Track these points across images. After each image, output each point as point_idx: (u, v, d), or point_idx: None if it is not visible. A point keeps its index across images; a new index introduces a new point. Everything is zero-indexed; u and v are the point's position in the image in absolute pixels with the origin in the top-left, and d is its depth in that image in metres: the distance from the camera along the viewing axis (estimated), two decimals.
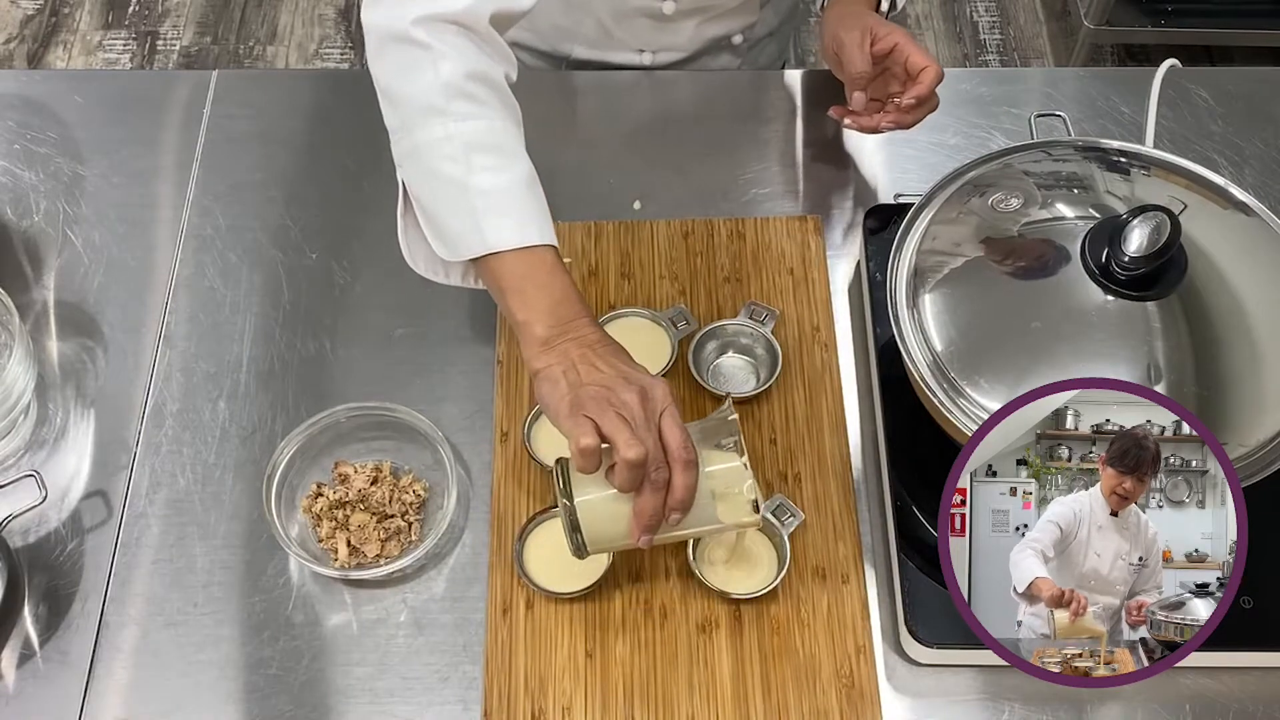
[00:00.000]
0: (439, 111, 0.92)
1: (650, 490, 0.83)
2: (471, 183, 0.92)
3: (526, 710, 0.91)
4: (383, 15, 0.95)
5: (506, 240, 0.91)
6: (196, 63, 2.58)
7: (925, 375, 0.89)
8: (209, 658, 0.94)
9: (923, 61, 1.06)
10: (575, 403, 0.85)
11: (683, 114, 1.26)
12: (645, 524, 0.84)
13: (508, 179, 0.93)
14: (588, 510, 0.86)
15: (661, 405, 0.84)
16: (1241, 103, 1.27)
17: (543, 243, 0.92)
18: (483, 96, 0.94)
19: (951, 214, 0.96)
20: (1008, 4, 2.72)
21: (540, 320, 0.89)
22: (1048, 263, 0.90)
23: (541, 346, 0.89)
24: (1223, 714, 0.92)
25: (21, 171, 1.21)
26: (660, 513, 0.84)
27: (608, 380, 0.85)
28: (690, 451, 0.84)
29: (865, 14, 1.09)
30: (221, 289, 1.13)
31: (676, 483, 0.83)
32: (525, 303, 0.90)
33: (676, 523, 0.85)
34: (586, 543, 0.86)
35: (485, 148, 0.93)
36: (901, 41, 1.06)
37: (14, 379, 1.00)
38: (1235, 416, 0.85)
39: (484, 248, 0.91)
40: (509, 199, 0.92)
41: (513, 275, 0.91)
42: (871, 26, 1.07)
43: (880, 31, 1.07)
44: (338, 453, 1.03)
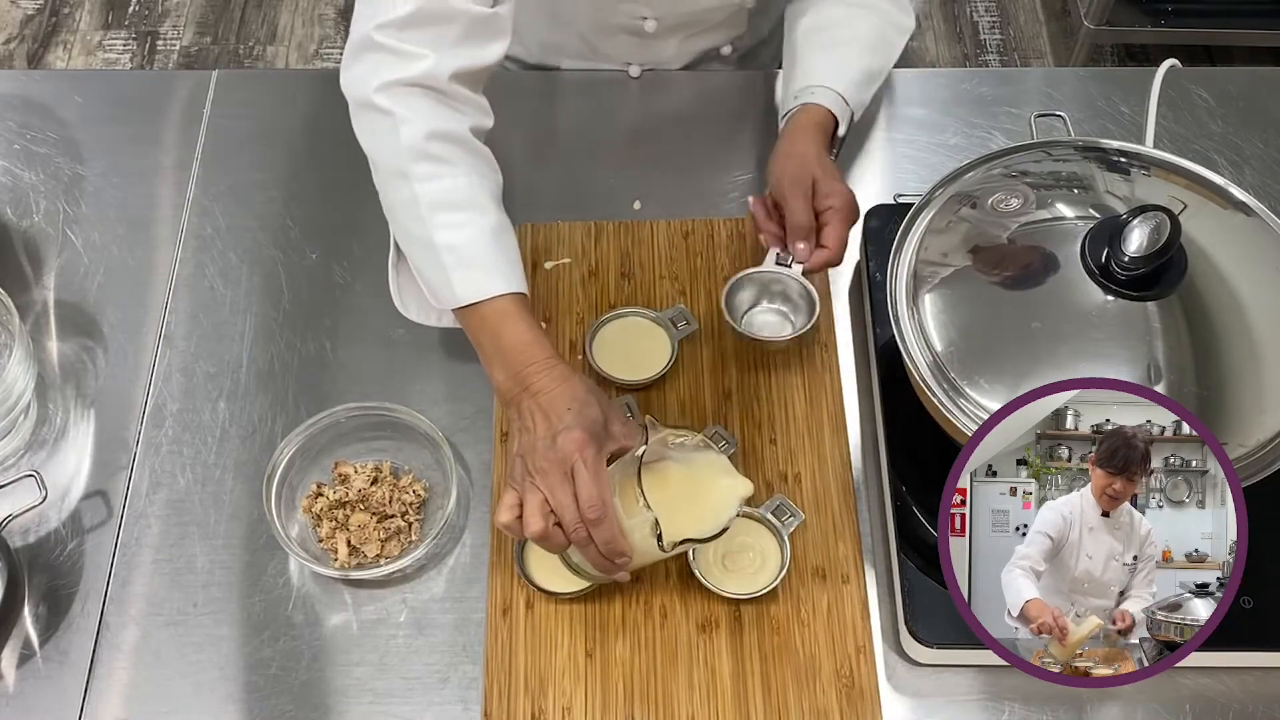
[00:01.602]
0: (402, 175, 0.96)
1: (583, 545, 0.87)
2: (436, 240, 0.95)
3: (526, 710, 0.91)
4: (352, 81, 0.98)
5: (472, 293, 0.94)
6: (196, 63, 2.58)
7: (925, 375, 0.89)
8: (209, 658, 0.94)
9: (830, 243, 1.02)
10: (509, 473, 0.90)
11: (683, 114, 1.26)
12: (603, 570, 0.88)
13: (470, 233, 0.95)
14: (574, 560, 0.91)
15: (569, 461, 0.86)
16: (1241, 103, 1.27)
17: (508, 291, 0.94)
18: (445, 155, 0.96)
19: (951, 214, 0.96)
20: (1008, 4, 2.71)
21: (499, 371, 0.93)
22: (1048, 263, 0.90)
23: (506, 401, 0.94)
24: (1223, 714, 0.92)
25: (21, 171, 1.21)
26: (604, 562, 0.87)
27: (533, 445, 0.88)
28: (596, 509, 0.85)
29: (814, 162, 1.05)
30: (221, 289, 1.13)
31: (596, 539, 0.86)
32: (486, 358, 0.95)
33: (624, 564, 0.88)
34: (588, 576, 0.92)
35: (447, 205, 0.95)
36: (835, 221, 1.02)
37: (14, 379, 1.00)
38: (1235, 416, 0.85)
39: (455, 301, 0.95)
40: (473, 253, 0.95)
41: (481, 330, 0.95)
42: (818, 181, 1.03)
43: (824, 190, 1.03)
44: (338, 453, 1.03)
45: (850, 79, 1.11)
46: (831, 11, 1.16)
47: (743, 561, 0.95)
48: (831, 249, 1.02)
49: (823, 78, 1.11)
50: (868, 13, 1.15)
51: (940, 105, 1.27)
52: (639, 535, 0.86)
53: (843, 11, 1.15)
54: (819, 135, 1.08)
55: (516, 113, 1.25)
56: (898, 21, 1.17)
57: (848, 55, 1.13)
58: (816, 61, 1.13)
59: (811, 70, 1.12)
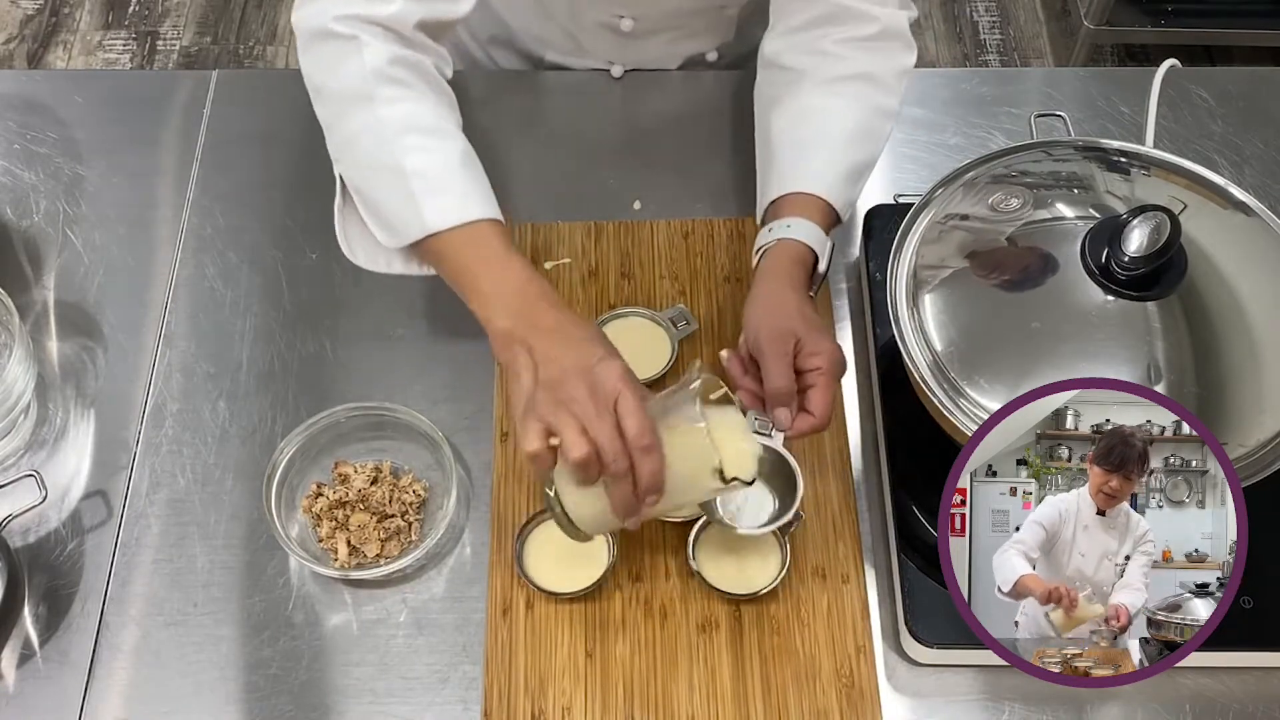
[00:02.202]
0: (366, 98, 0.92)
1: (616, 482, 0.81)
2: (405, 164, 0.91)
3: (526, 710, 0.91)
4: (306, 16, 0.96)
5: (447, 219, 0.90)
6: (196, 63, 2.58)
7: (925, 375, 0.89)
8: (209, 658, 0.94)
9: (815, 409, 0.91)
10: (530, 405, 0.83)
11: (683, 114, 1.26)
12: (623, 512, 0.82)
13: (441, 158, 0.92)
14: (574, 506, 0.85)
15: (613, 393, 0.81)
16: (1241, 103, 1.27)
17: (485, 217, 0.90)
18: (409, 80, 0.94)
19: (951, 214, 0.96)
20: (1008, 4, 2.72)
21: (498, 312, 0.88)
22: (1047, 263, 0.90)
23: (503, 339, 0.88)
24: (1223, 714, 0.92)
25: (21, 171, 1.21)
26: (633, 501, 0.82)
27: (561, 375, 0.83)
28: (646, 436, 0.80)
29: (795, 314, 0.93)
30: (221, 289, 1.13)
31: (640, 471, 0.80)
32: (479, 295, 0.89)
33: (654, 504, 0.83)
34: (580, 530, 0.86)
35: (415, 129, 0.92)
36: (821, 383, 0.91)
37: (14, 379, 1.00)
38: (1235, 416, 0.85)
39: (423, 230, 0.90)
40: (444, 177, 0.91)
41: (462, 265, 0.90)
42: (801, 338, 0.92)
43: (808, 347, 0.92)
44: (338, 453, 1.03)
45: (833, 180, 1.01)
46: (807, 104, 1.04)
47: (743, 561, 0.95)
48: (818, 415, 0.91)
49: (803, 181, 1.00)
50: (850, 102, 1.04)
51: (940, 105, 1.27)
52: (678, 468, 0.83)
53: (820, 103, 1.04)
54: (799, 275, 0.97)
55: (516, 113, 1.25)
56: (882, 106, 1.05)
57: (830, 152, 1.02)
58: (795, 162, 1.02)
59: (790, 175, 1.02)
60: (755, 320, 0.94)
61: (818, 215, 0.99)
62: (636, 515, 0.83)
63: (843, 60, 1.04)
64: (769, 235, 0.99)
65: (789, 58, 1.07)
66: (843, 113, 1.04)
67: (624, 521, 0.84)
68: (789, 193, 1.01)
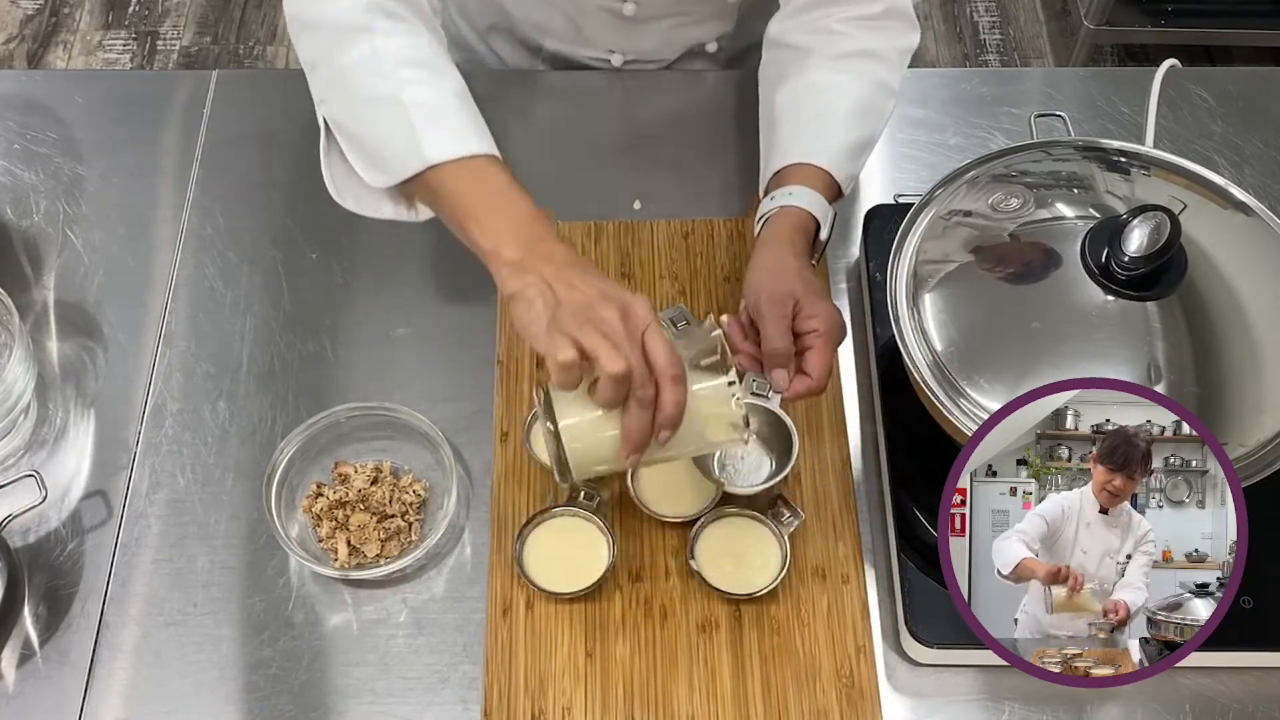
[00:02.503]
0: (362, 29, 0.91)
1: (637, 408, 0.79)
2: (404, 96, 0.89)
3: (526, 710, 0.91)
4: None
5: (446, 151, 0.88)
6: (196, 63, 2.58)
7: (925, 375, 0.89)
8: (209, 658, 0.94)
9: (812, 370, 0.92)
10: (553, 321, 0.81)
11: (683, 114, 1.26)
12: (633, 443, 0.81)
13: (439, 92, 0.91)
14: (572, 432, 0.82)
15: (644, 322, 0.80)
16: (1241, 103, 1.27)
17: (484, 152, 0.89)
18: (404, 14, 0.93)
19: (951, 214, 0.96)
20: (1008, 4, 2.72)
21: (507, 244, 0.86)
22: (1047, 263, 0.90)
23: (513, 269, 0.85)
24: (1223, 714, 0.92)
25: (21, 171, 1.21)
26: (648, 432, 0.80)
27: (586, 298, 0.82)
28: (677, 366, 0.80)
29: (795, 276, 0.94)
30: (221, 289, 1.13)
31: (665, 399, 0.79)
32: (486, 228, 0.88)
33: (665, 440, 0.81)
34: (572, 466, 0.83)
35: (413, 62, 0.91)
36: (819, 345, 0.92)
37: (14, 379, 1.00)
38: (1235, 416, 0.85)
39: (422, 162, 0.89)
40: (444, 110, 0.90)
41: (465, 197, 0.88)
42: (800, 300, 0.93)
43: (807, 309, 0.93)
44: (338, 453, 1.03)
45: (837, 152, 1.01)
46: (812, 79, 1.05)
47: (743, 561, 0.95)
48: (814, 377, 0.92)
49: (806, 153, 1.01)
50: (853, 78, 1.05)
51: (940, 105, 1.27)
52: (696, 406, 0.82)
53: (825, 78, 1.05)
54: (801, 242, 0.97)
55: (516, 113, 1.25)
56: (885, 83, 1.05)
57: (833, 126, 1.03)
58: (798, 134, 1.03)
59: (794, 146, 1.02)
60: (756, 284, 0.95)
61: (820, 185, 1.00)
62: (639, 454, 0.81)
63: (847, 38, 1.06)
64: (771, 203, 1.00)
65: (794, 37, 1.09)
66: (846, 88, 1.04)
67: (623, 459, 0.82)
68: (792, 163, 1.01)
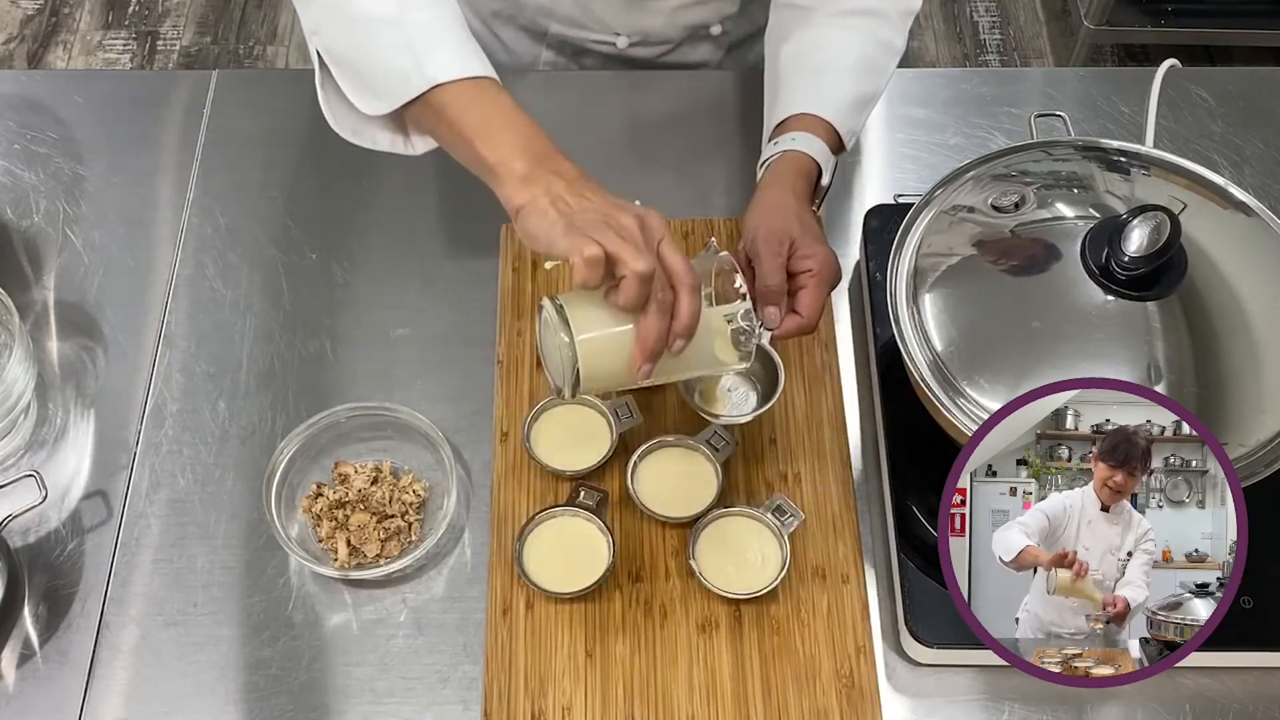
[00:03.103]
0: None
1: (656, 313, 0.80)
2: (407, 18, 0.89)
3: (526, 710, 0.91)
4: None
5: (450, 71, 0.88)
6: (196, 63, 2.58)
7: (925, 375, 0.89)
8: (209, 658, 0.94)
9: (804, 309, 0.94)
10: (571, 226, 0.81)
11: (683, 114, 1.26)
12: (649, 349, 0.80)
13: (439, 14, 0.91)
14: (588, 345, 0.82)
15: (660, 233, 0.81)
16: (1241, 103, 1.27)
17: (485, 74, 0.89)
18: None
19: (951, 214, 0.96)
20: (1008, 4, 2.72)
21: (517, 157, 0.86)
22: (1047, 262, 0.90)
23: (521, 182, 0.85)
24: (1223, 714, 0.92)
25: (21, 171, 1.21)
26: (664, 339, 0.81)
27: (601, 207, 0.82)
28: (694, 276, 0.81)
29: (794, 217, 0.96)
30: (221, 289, 1.13)
31: (682, 306, 0.80)
32: (494, 143, 0.87)
33: (680, 351, 0.82)
34: (584, 379, 0.83)
35: None
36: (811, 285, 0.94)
37: (14, 379, 1.00)
38: (1235, 416, 0.85)
39: (426, 82, 0.89)
40: (445, 31, 0.90)
41: (471, 115, 0.88)
42: (796, 240, 0.95)
43: (802, 249, 0.95)
44: (338, 453, 1.03)
45: (839, 105, 1.04)
46: (816, 34, 1.08)
47: (743, 561, 0.95)
48: (805, 316, 0.94)
49: (809, 104, 1.04)
50: (856, 35, 1.08)
51: (940, 105, 1.27)
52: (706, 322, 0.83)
53: (828, 34, 1.08)
54: (801, 185, 1.00)
55: None
56: (888, 42, 1.08)
57: (836, 78, 1.06)
58: (802, 86, 1.06)
59: (797, 97, 1.05)
60: (753, 222, 0.97)
61: (823, 134, 1.02)
62: (653, 363, 0.81)
63: None
64: (774, 149, 1.02)
65: None
66: (848, 44, 1.07)
67: (639, 367, 0.82)
68: (795, 114, 1.04)
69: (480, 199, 1.18)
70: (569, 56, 1.34)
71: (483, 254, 1.14)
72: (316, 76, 0.97)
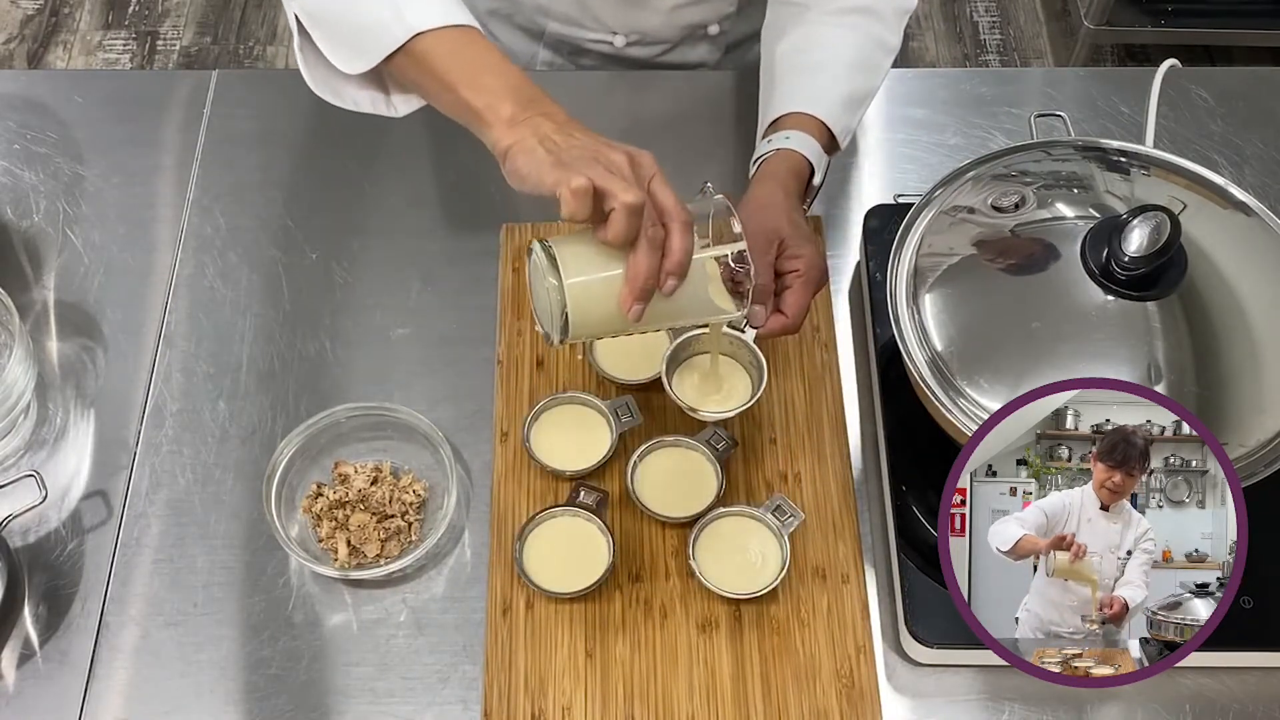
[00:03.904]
0: None
1: (647, 249, 0.78)
2: None
3: (526, 710, 0.91)
4: None
5: (431, 18, 0.88)
6: (196, 63, 2.58)
7: (925, 375, 0.89)
8: (209, 658, 0.94)
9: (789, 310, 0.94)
10: (558, 161, 0.80)
11: (683, 114, 1.26)
12: (639, 287, 0.79)
13: None
14: (577, 288, 0.80)
15: (651, 170, 0.81)
16: (1241, 103, 1.27)
17: (468, 23, 0.89)
18: None
19: (951, 214, 0.96)
20: (1008, 4, 2.72)
21: (504, 100, 0.85)
22: (1047, 262, 0.90)
23: (509, 125, 0.85)
24: (1223, 714, 0.92)
25: (21, 171, 1.21)
26: (656, 275, 0.79)
27: (590, 144, 0.81)
28: (686, 213, 0.80)
29: (784, 217, 0.96)
30: (221, 289, 1.13)
31: (673, 243, 0.79)
32: (480, 88, 0.86)
33: (671, 291, 0.80)
34: (572, 323, 0.81)
35: None
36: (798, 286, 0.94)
37: (14, 379, 1.00)
38: (1235, 416, 0.85)
39: (407, 31, 0.88)
40: None
41: (455, 61, 0.88)
42: (785, 240, 0.95)
43: (791, 250, 0.95)
44: (338, 453, 1.03)
45: (833, 103, 1.04)
46: (811, 32, 1.08)
47: (743, 561, 0.95)
48: (790, 316, 0.94)
49: (802, 102, 1.04)
50: (851, 32, 1.08)
51: (940, 105, 1.27)
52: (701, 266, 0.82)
53: (823, 32, 1.08)
54: (793, 184, 1.00)
55: None
56: (883, 40, 1.09)
57: (830, 77, 1.06)
58: (796, 84, 1.06)
59: (791, 95, 1.05)
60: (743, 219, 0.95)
61: (816, 133, 1.03)
62: (644, 303, 0.80)
63: None
64: (768, 146, 1.02)
65: None
66: (843, 42, 1.08)
67: (629, 308, 0.80)
68: (788, 112, 1.04)
69: (481, 199, 1.19)
70: (566, 56, 1.34)
71: (483, 254, 1.14)
72: (295, 40, 0.97)
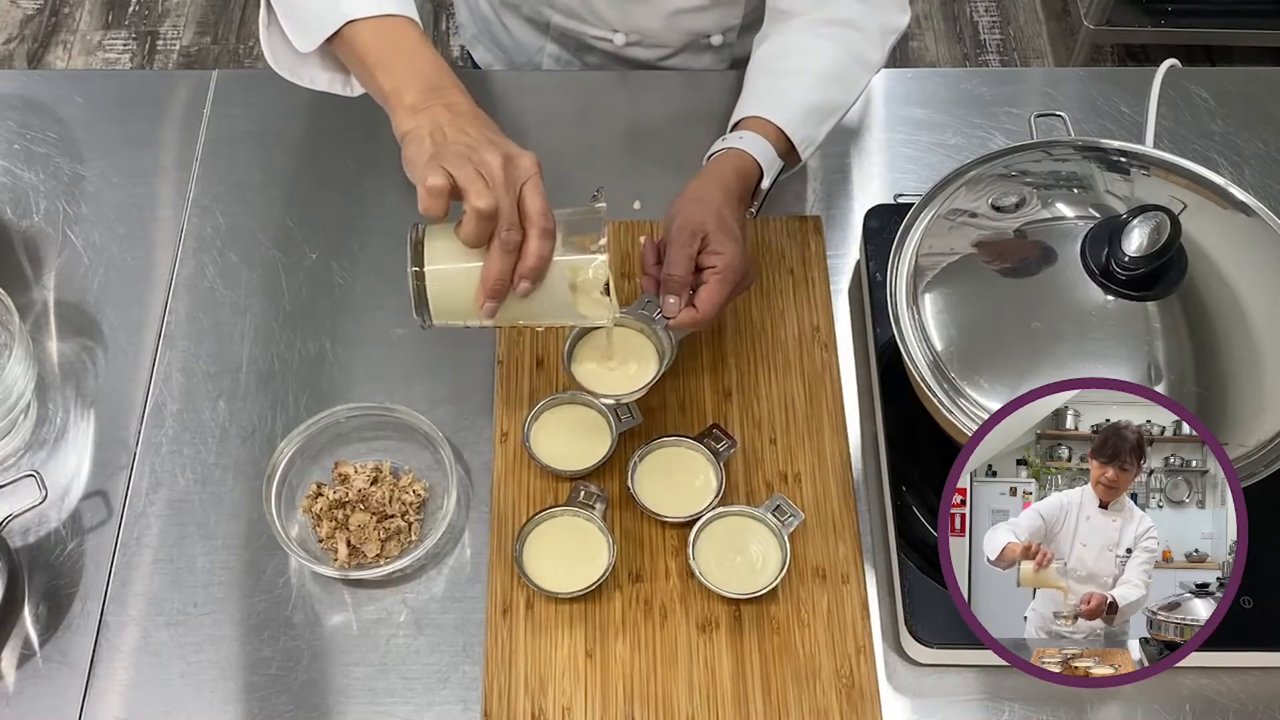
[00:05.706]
0: None
1: (500, 251, 0.82)
2: None
3: (526, 710, 0.91)
4: None
5: (364, 8, 0.91)
6: (196, 63, 2.58)
7: (925, 375, 0.89)
8: (209, 658, 0.94)
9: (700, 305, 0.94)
10: (436, 156, 0.83)
11: (683, 114, 1.26)
12: (491, 288, 0.83)
13: None
14: (436, 275, 0.85)
15: (527, 174, 0.83)
16: (1241, 103, 1.27)
17: (403, 14, 0.92)
18: None
19: (951, 214, 0.96)
20: (1008, 4, 2.71)
21: (409, 87, 0.89)
22: (1047, 262, 0.90)
23: (410, 111, 0.88)
24: (1223, 714, 0.92)
25: (21, 171, 1.21)
26: (508, 278, 0.83)
27: (474, 141, 0.84)
28: (549, 220, 0.82)
29: (712, 212, 0.96)
30: (221, 289, 1.13)
31: (530, 248, 0.82)
32: (392, 72, 0.90)
33: (525, 293, 0.84)
34: (432, 311, 0.86)
35: None
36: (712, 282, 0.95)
37: (14, 379, 1.00)
38: (1235, 416, 0.85)
39: (339, 18, 0.92)
40: None
41: (375, 47, 0.91)
42: (708, 235, 0.95)
43: (712, 245, 0.95)
44: (338, 453, 1.03)
45: (795, 111, 1.04)
46: (790, 40, 1.09)
47: (743, 561, 0.95)
48: (700, 311, 0.94)
49: (766, 108, 1.04)
50: (829, 44, 1.08)
51: (940, 105, 1.27)
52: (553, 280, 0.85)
53: (802, 40, 1.08)
54: (734, 183, 1.00)
55: (515, 114, 1.25)
56: (863, 55, 1.08)
57: (798, 86, 1.06)
58: (763, 89, 1.07)
59: (755, 100, 1.06)
60: (674, 210, 0.98)
61: (773, 138, 1.04)
62: (496, 301, 0.84)
63: (832, 5, 1.09)
64: (720, 144, 1.04)
65: (785, 2, 1.11)
66: (819, 52, 1.08)
67: (481, 304, 0.84)
68: (750, 115, 1.05)
69: None
70: (572, 51, 1.35)
71: None
72: (262, 16, 1.00)
